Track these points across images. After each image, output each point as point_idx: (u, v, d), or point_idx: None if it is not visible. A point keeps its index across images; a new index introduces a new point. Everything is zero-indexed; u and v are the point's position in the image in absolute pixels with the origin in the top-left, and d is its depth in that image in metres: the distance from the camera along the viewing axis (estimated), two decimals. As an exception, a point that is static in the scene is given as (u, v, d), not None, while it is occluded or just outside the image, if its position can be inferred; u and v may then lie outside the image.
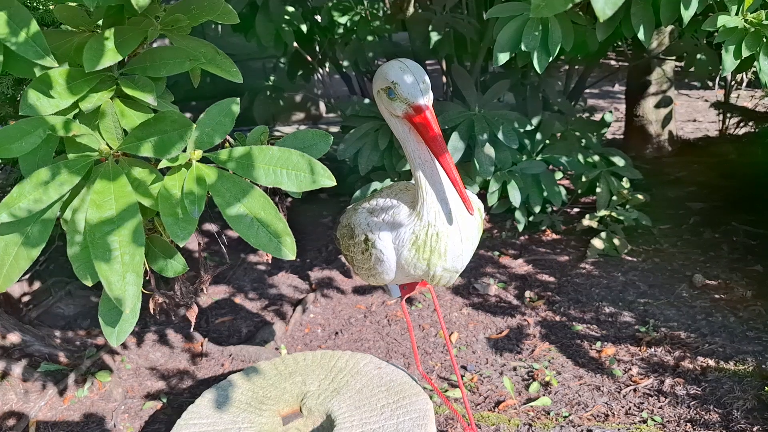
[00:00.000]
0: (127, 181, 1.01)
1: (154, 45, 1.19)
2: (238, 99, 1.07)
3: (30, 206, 0.97)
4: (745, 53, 1.97)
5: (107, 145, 1.03)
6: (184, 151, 1.01)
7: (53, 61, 0.97)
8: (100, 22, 1.16)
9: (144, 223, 1.01)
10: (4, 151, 0.98)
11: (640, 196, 3.47)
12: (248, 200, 1.01)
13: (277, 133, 6.02)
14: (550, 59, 2.16)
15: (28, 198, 0.97)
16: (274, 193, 1.14)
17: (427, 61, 4.20)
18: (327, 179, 1.03)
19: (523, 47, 2.11)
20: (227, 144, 1.14)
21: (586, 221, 3.51)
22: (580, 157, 3.53)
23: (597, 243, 3.36)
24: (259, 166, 1.03)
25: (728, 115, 4.90)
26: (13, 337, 2.63)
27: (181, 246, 0.98)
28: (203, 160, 1.05)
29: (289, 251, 1.01)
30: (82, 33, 1.14)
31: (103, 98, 1.05)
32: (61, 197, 1.01)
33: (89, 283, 1.02)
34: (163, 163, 1.01)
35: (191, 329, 2.94)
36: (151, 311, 1.30)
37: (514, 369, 2.55)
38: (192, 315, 1.39)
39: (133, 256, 0.97)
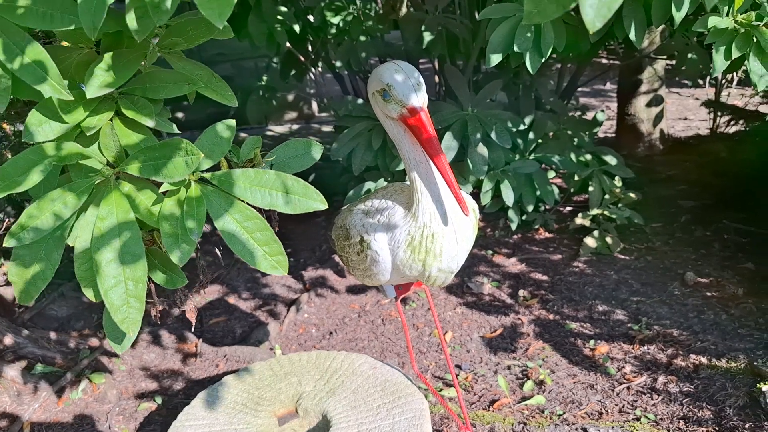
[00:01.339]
0: (128, 204, 1.06)
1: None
2: (233, 122, 1.12)
3: (37, 227, 1.01)
4: (735, 54, 1.98)
5: (108, 163, 1.07)
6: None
7: (58, 86, 0.98)
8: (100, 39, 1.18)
9: (144, 235, 1.04)
10: (13, 185, 1.01)
11: (632, 195, 3.49)
12: (243, 220, 1.07)
13: (269, 133, 6.02)
14: (543, 60, 2.17)
15: (36, 220, 1.01)
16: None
17: (420, 61, 4.20)
18: (320, 203, 1.11)
19: (516, 48, 2.11)
20: (223, 160, 1.16)
21: (578, 220, 3.52)
22: (573, 156, 3.55)
23: (590, 241, 3.38)
24: (257, 189, 1.09)
25: (719, 113, 4.94)
26: (7, 340, 2.62)
27: (180, 265, 1.02)
28: (201, 180, 1.09)
29: (282, 269, 1.08)
30: (82, 50, 1.16)
31: (103, 120, 1.09)
32: (68, 219, 1.05)
33: (95, 300, 1.08)
34: (165, 186, 1.05)
35: (192, 329, 2.94)
36: (153, 318, 1.33)
37: (509, 368, 2.57)
38: (192, 316, 1.41)
39: (136, 283, 1.02)
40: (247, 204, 1.08)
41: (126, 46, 1.14)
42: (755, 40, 1.97)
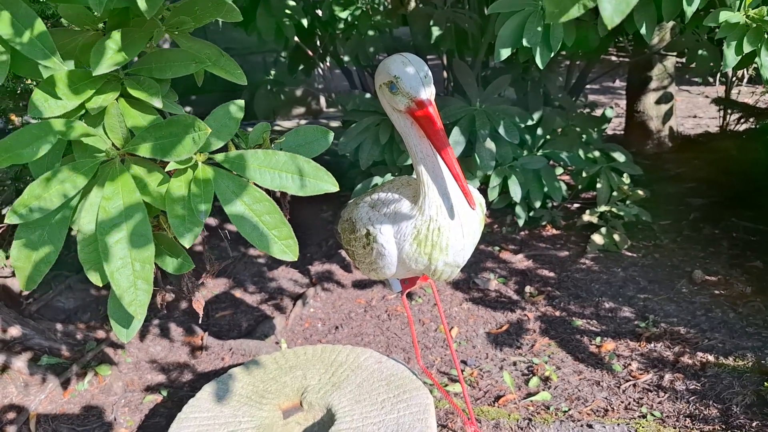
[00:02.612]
0: (134, 185, 1.02)
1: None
2: (243, 101, 1.09)
3: (41, 207, 0.99)
4: (747, 49, 1.96)
5: (113, 145, 1.04)
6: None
7: (60, 63, 0.97)
8: (105, 20, 1.16)
9: (150, 220, 1.03)
10: (16, 157, 0.99)
11: (640, 192, 3.47)
12: (253, 203, 1.04)
13: (277, 128, 6.03)
14: (552, 55, 2.16)
15: (39, 199, 0.99)
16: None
17: (428, 56, 4.19)
18: (331, 185, 1.06)
19: (525, 43, 2.10)
20: (231, 144, 1.15)
21: (586, 217, 3.51)
22: (581, 153, 3.53)
23: (597, 238, 3.36)
24: (266, 170, 1.05)
25: (729, 111, 4.90)
26: (14, 331, 2.63)
27: (187, 247, 0.99)
28: (208, 161, 1.06)
29: (292, 254, 1.04)
30: (87, 32, 1.15)
31: (108, 99, 1.06)
32: (70, 199, 1.02)
33: (99, 284, 1.04)
34: (172, 165, 1.02)
35: (199, 320, 2.95)
36: (159, 306, 1.31)
37: (514, 364, 2.56)
38: (199, 307, 1.40)
39: (143, 263, 0.99)
40: (257, 186, 1.05)
41: (132, 26, 1.12)
42: (767, 35, 1.96)
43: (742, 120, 4.72)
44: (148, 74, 1.11)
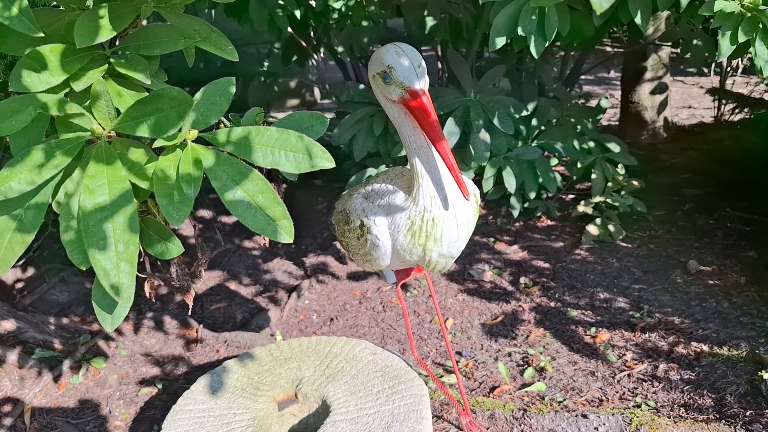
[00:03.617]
0: (121, 164, 0.99)
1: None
2: (234, 78, 1.05)
3: (21, 187, 0.95)
4: (742, 38, 1.96)
5: (100, 125, 1.01)
6: (180, 130, 0.99)
7: (39, 32, 0.95)
8: (91, 1, 1.14)
9: (138, 204, 1.00)
10: None
11: (635, 183, 3.47)
12: (246, 183, 1.00)
13: (271, 119, 6.00)
14: (547, 44, 2.15)
15: (19, 178, 0.95)
16: (270, 177, 1.13)
17: (423, 47, 4.17)
18: (326, 161, 1.02)
19: (519, 32, 2.09)
20: (222, 125, 1.12)
21: (581, 207, 3.51)
22: (576, 144, 3.53)
23: (592, 229, 3.37)
24: (257, 147, 1.01)
25: (723, 101, 4.90)
26: (8, 324, 2.62)
27: (176, 228, 0.97)
28: (199, 140, 1.03)
29: (287, 235, 1.00)
30: (73, 11, 1.12)
31: (94, 77, 1.03)
32: (52, 178, 0.99)
33: (83, 268, 1.00)
34: (159, 143, 0.99)
35: (189, 313, 2.94)
36: (147, 295, 1.29)
37: (509, 355, 2.56)
38: (189, 298, 1.38)
39: (127, 245, 0.95)
40: (247, 163, 1.01)
41: (120, 2, 1.09)
42: (761, 25, 1.95)
43: (737, 110, 4.72)
44: (136, 51, 1.08)
